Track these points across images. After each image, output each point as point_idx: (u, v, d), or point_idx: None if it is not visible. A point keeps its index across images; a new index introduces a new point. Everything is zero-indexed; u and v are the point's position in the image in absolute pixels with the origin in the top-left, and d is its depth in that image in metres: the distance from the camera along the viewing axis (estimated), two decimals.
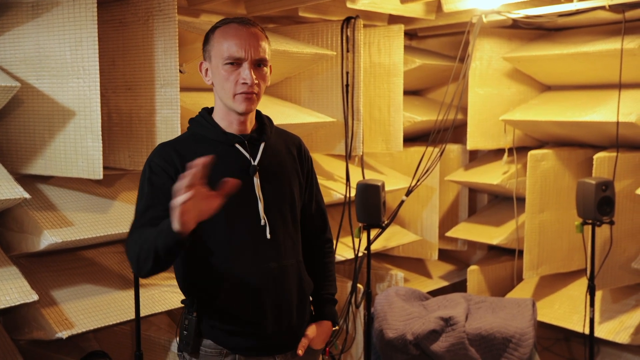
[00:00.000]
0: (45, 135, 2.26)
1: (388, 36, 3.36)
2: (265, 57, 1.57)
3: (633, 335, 3.06)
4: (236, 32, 1.55)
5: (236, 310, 1.58)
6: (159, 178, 1.54)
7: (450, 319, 2.86)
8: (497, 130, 3.60)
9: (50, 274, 2.41)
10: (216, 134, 1.60)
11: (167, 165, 1.54)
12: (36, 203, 2.28)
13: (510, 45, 3.56)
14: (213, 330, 1.59)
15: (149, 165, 1.57)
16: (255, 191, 1.58)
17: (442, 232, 3.84)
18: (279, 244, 1.61)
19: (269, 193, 1.61)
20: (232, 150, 1.59)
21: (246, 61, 1.54)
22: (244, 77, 1.53)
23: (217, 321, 1.59)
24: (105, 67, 2.41)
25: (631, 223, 3.15)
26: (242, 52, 1.53)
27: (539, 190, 3.35)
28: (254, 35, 1.56)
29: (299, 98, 3.25)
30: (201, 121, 1.64)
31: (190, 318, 1.58)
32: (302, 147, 1.76)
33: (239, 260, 1.57)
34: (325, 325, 1.74)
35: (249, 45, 1.54)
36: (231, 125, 1.61)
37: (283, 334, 1.64)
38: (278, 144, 1.68)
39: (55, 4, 2.16)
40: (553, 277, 3.55)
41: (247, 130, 1.63)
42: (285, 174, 1.66)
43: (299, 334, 1.68)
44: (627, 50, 2.97)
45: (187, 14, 2.90)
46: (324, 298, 1.77)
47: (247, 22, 1.58)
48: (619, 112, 3.01)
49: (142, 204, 1.55)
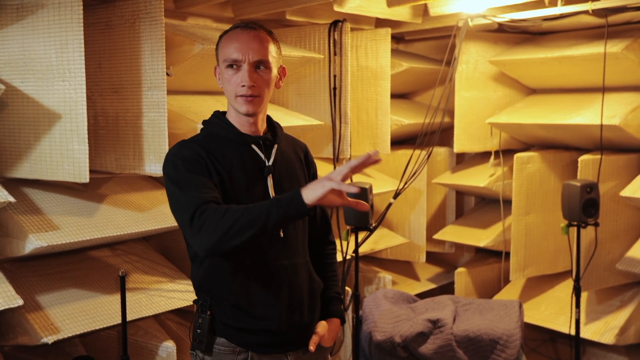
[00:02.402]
0: (31, 139, 2.24)
1: (375, 39, 3.38)
2: (266, 59, 1.61)
3: (618, 335, 3.10)
4: (237, 36, 1.61)
5: (249, 308, 1.61)
6: (196, 165, 1.55)
7: (438, 321, 2.87)
8: (484, 133, 3.63)
9: (35, 278, 2.38)
10: (233, 134, 1.65)
11: (198, 156, 1.57)
12: (21, 207, 2.26)
13: (496, 48, 3.60)
14: (226, 328, 1.63)
15: (178, 158, 1.57)
16: (269, 190, 1.63)
17: (430, 235, 3.86)
18: (291, 243, 1.67)
19: (282, 193, 1.63)
20: (248, 150, 1.64)
21: (244, 63, 1.59)
22: (242, 80, 1.58)
23: (231, 319, 1.62)
24: (92, 69, 2.39)
25: (615, 225, 3.18)
26: (240, 54, 1.58)
27: (525, 193, 3.38)
28: (255, 38, 1.60)
29: (286, 101, 3.25)
30: (217, 122, 1.68)
31: (204, 316, 1.62)
32: (308, 152, 1.83)
33: (253, 257, 1.61)
34: (334, 323, 1.79)
35: (248, 48, 1.59)
36: (243, 127, 1.66)
37: (295, 331, 1.67)
38: (288, 148, 1.75)
39: (41, 6, 2.15)
40: (539, 278, 3.58)
41: (259, 132, 1.68)
42: (295, 176, 1.72)
43: (309, 331, 1.72)
44: (610, 54, 3.01)
45: (174, 17, 2.90)
46: (331, 296, 1.82)
47: (250, 25, 1.63)
48: (603, 115, 3.05)
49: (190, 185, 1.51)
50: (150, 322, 2.61)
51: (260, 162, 1.65)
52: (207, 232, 1.45)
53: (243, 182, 1.61)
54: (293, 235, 1.68)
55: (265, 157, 1.65)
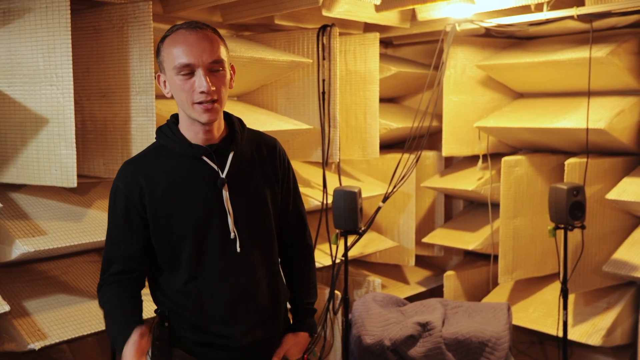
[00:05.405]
0: (18, 143, 2.22)
1: (364, 44, 3.40)
2: (220, 59, 1.47)
3: (605, 337, 3.12)
4: (184, 38, 1.45)
5: (205, 324, 1.56)
6: (124, 214, 1.55)
7: (427, 324, 2.88)
8: (472, 137, 3.65)
9: (22, 284, 2.36)
10: (182, 147, 1.54)
11: (132, 188, 1.54)
12: (8, 212, 2.24)
13: (484, 53, 3.63)
14: (185, 341, 1.58)
15: (115, 190, 1.58)
16: (225, 204, 1.53)
17: (419, 238, 3.87)
18: (250, 257, 1.57)
19: (239, 205, 1.56)
20: (199, 163, 1.53)
21: (199, 67, 1.44)
22: (200, 85, 1.44)
23: (188, 332, 1.57)
24: (79, 74, 2.38)
25: (602, 227, 3.21)
26: (192, 58, 1.44)
27: (512, 196, 3.41)
28: (204, 38, 1.46)
29: (275, 105, 3.26)
30: (167, 132, 1.58)
31: (162, 328, 1.55)
32: (277, 148, 1.67)
33: (208, 274, 1.54)
34: (302, 337, 1.72)
35: (200, 50, 1.44)
36: (197, 136, 1.53)
37: (256, 346, 1.61)
38: (250, 149, 1.61)
39: (27, 10, 2.14)
40: (527, 281, 3.61)
41: (215, 138, 1.55)
42: (257, 182, 1.60)
43: (273, 345, 1.66)
44: (595, 59, 3.05)
45: (162, 21, 2.89)
46: (303, 309, 1.74)
47: (195, 25, 1.48)
48: (589, 118, 3.08)
49: (110, 238, 1.59)
50: None
51: (214, 174, 1.53)
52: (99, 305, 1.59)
53: (192, 199, 1.52)
54: (253, 249, 1.57)
55: (219, 168, 1.53)
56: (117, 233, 1.57)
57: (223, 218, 1.54)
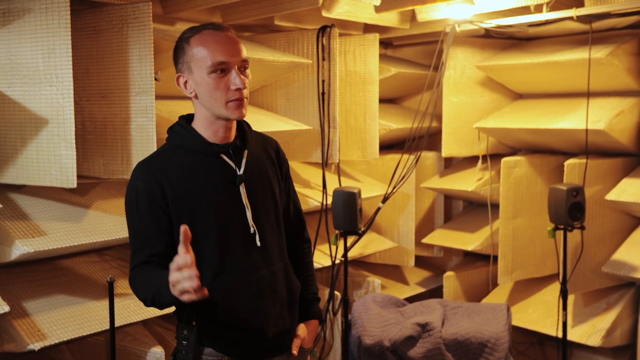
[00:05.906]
0: (18, 144, 2.22)
1: (363, 45, 3.40)
2: (247, 58, 1.56)
3: (604, 338, 3.13)
4: (215, 38, 1.52)
5: (234, 319, 1.60)
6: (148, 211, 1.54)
7: (426, 324, 2.88)
8: (471, 137, 3.66)
9: (22, 284, 2.36)
10: (200, 146, 1.58)
11: (153, 187, 1.54)
12: (8, 212, 2.24)
13: (483, 54, 3.63)
14: (214, 339, 1.61)
15: (135, 190, 1.56)
16: (243, 200, 1.60)
17: (419, 239, 3.88)
18: (269, 251, 1.65)
19: (256, 200, 1.63)
20: (217, 161, 1.59)
21: (233, 65, 1.52)
22: (236, 83, 1.51)
23: (217, 329, 1.61)
24: (79, 74, 2.38)
25: (601, 228, 3.22)
26: (227, 56, 1.51)
27: (512, 197, 3.41)
28: (232, 38, 1.54)
29: (275, 106, 3.26)
30: (182, 132, 1.61)
31: (189, 327, 1.58)
32: (279, 150, 1.77)
33: (232, 269, 1.59)
34: (313, 324, 1.80)
35: (232, 49, 1.52)
36: (216, 134, 1.59)
37: (279, 337, 1.67)
38: (258, 150, 1.70)
39: (27, 11, 2.14)
40: (527, 282, 3.61)
41: (231, 137, 1.62)
42: (268, 179, 1.68)
43: (291, 335, 1.72)
44: (594, 60, 3.05)
45: (162, 22, 2.90)
46: (308, 298, 1.82)
47: (220, 27, 1.56)
48: (588, 119, 3.09)
49: (136, 238, 1.57)
50: (139, 328, 2.60)
51: (232, 172, 1.60)
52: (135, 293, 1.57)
53: (212, 195, 1.57)
54: (270, 242, 1.65)
55: (235, 166, 1.60)
56: (144, 231, 1.56)
57: (242, 214, 1.60)
